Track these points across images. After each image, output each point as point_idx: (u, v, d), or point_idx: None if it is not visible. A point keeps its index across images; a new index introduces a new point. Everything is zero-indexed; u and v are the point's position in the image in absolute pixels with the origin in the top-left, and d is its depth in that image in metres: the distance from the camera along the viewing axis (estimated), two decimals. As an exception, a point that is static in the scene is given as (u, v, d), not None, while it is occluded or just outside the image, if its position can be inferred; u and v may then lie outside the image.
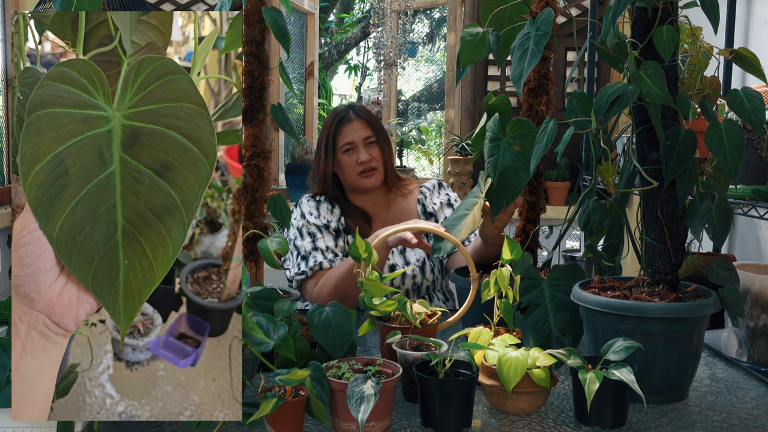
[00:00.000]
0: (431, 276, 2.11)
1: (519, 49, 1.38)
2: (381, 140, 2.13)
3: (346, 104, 2.20)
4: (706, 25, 1.35)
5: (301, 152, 3.71)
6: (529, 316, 1.46)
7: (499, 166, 1.53)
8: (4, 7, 3.25)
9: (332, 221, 2.07)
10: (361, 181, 2.10)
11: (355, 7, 9.07)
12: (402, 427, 1.21)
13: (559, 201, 3.57)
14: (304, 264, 2.00)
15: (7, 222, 3.01)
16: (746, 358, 1.70)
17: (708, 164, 1.45)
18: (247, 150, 1.51)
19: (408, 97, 11.03)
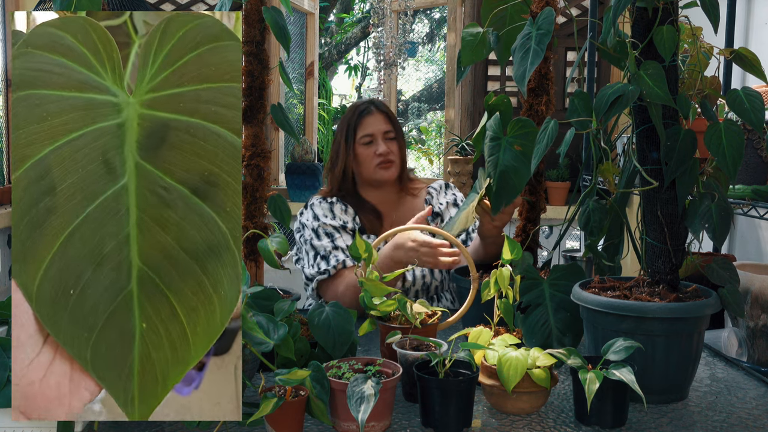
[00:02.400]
0: (439, 276, 2.11)
1: (521, 49, 1.38)
2: (399, 137, 2.15)
3: (365, 99, 2.22)
4: (706, 25, 1.35)
5: (301, 152, 3.71)
6: (529, 316, 1.46)
7: (500, 165, 1.53)
8: (4, 7, 3.25)
9: (348, 221, 2.07)
10: (378, 173, 2.10)
11: (355, 7, 9.06)
12: (402, 427, 1.21)
13: (559, 201, 3.57)
14: (325, 263, 1.97)
15: (7, 222, 3.00)
16: (746, 358, 1.70)
17: (708, 164, 1.45)
18: (247, 150, 1.51)
19: (408, 97, 11.03)
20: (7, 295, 2.92)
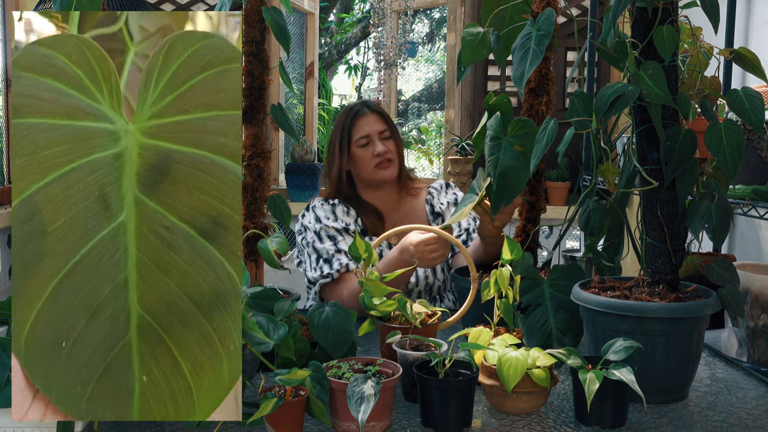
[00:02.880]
0: (442, 276, 2.11)
1: (520, 49, 1.38)
2: (394, 135, 2.14)
3: (357, 101, 2.20)
4: (706, 25, 1.35)
5: (301, 152, 3.71)
6: (529, 316, 1.46)
7: (500, 165, 1.53)
8: (4, 7, 3.25)
9: (350, 224, 2.06)
10: (378, 173, 2.09)
11: (355, 7, 9.06)
12: (402, 427, 1.21)
13: (559, 201, 3.57)
14: (328, 267, 1.96)
15: (7, 222, 3.00)
16: (746, 358, 1.70)
17: (708, 164, 1.45)
18: (247, 150, 1.51)
19: (408, 97, 11.03)
20: (7, 295, 2.92)
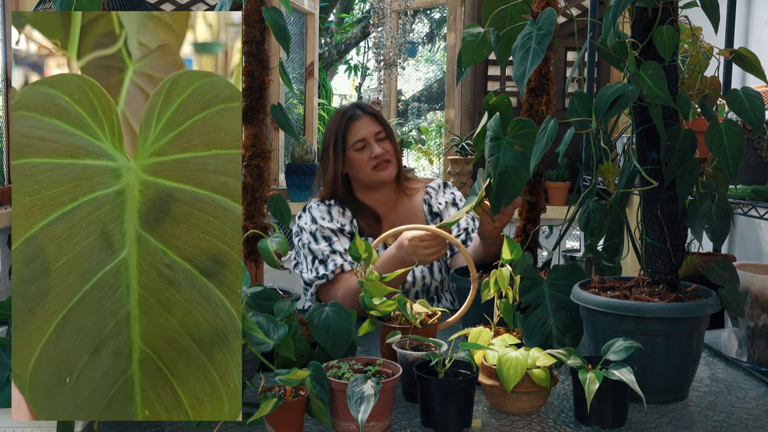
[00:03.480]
0: (439, 276, 2.10)
1: (521, 48, 1.38)
2: (390, 136, 2.13)
3: (349, 104, 2.19)
4: (706, 25, 1.35)
5: (301, 152, 3.71)
6: (529, 316, 1.46)
7: (500, 165, 1.53)
8: (4, 7, 3.25)
9: (346, 224, 2.05)
10: (377, 175, 2.08)
11: (355, 7, 9.06)
12: (402, 427, 1.21)
13: (559, 201, 3.56)
14: (323, 268, 1.96)
15: (7, 222, 3.00)
16: (746, 358, 1.70)
17: (708, 164, 1.45)
18: (247, 150, 1.51)
19: (408, 97, 11.03)
20: (7, 295, 2.92)
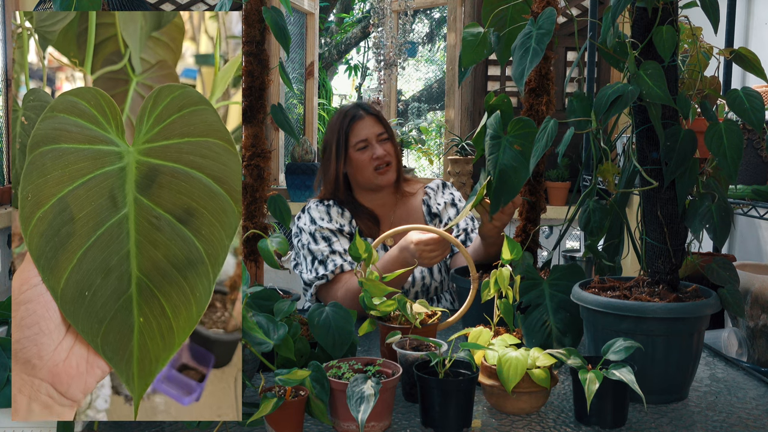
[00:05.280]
0: (439, 276, 2.10)
1: (520, 48, 1.38)
2: (391, 137, 2.13)
3: (351, 104, 2.18)
4: (706, 25, 1.35)
5: (301, 152, 3.71)
6: (529, 316, 1.46)
7: (499, 164, 1.53)
8: (4, 7, 3.25)
9: (345, 225, 2.05)
10: (377, 177, 2.07)
11: (355, 7, 9.07)
12: (402, 427, 1.21)
13: (559, 201, 3.56)
14: (323, 268, 1.96)
15: (6, 222, 3.01)
16: (746, 358, 1.70)
17: (708, 164, 1.45)
18: (247, 150, 1.51)
19: (408, 97, 11.03)
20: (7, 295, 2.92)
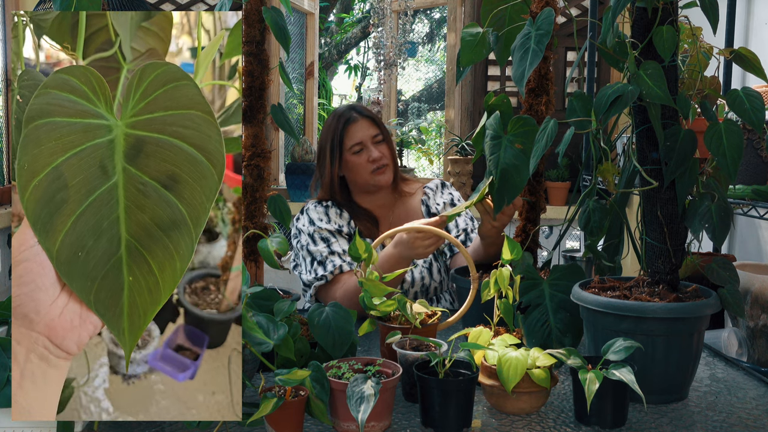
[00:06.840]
0: (438, 277, 2.10)
1: (520, 49, 1.38)
2: (386, 138, 2.12)
3: (345, 106, 2.17)
4: (706, 25, 1.35)
5: (301, 152, 3.71)
6: (529, 316, 1.46)
7: (501, 163, 1.53)
8: (4, 7, 3.25)
9: (343, 225, 2.05)
10: (375, 179, 2.07)
11: (355, 7, 9.07)
12: (402, 427, 1.21)
13: (559, 201, 3.56)
14: (322, 269, 1.96)
15: (6, 222, 3.00)
16: (746, 358, 1.70)
17: (708, 164, 1.45)
18: (247, 150, 1.51)
19: (408, 97, 11.03)
20: (7, 295, 2.92)
